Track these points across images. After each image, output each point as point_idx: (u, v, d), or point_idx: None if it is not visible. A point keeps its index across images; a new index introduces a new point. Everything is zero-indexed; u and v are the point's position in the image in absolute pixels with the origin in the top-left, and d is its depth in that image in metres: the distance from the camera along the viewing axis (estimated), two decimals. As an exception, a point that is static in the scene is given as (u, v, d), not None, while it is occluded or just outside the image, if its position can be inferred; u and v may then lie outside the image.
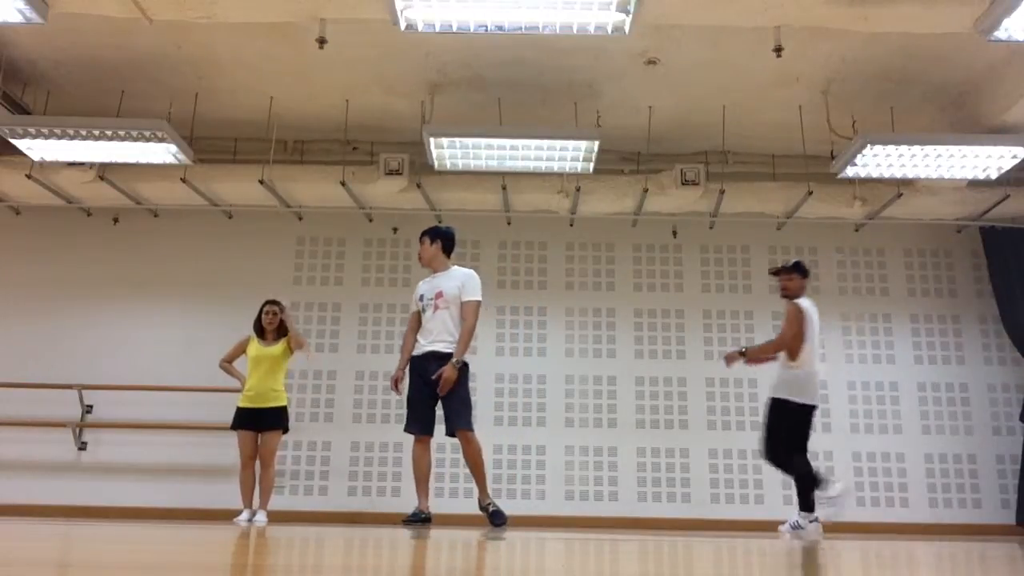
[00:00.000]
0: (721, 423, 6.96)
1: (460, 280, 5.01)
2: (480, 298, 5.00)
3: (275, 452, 5.75)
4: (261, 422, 5.67)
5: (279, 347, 5.81)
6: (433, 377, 4.80)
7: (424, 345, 4.94)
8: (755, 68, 5.88)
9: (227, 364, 5.87)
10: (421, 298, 5.06)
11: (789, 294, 5.22)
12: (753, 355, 5.29)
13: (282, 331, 5.90)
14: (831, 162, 6.12)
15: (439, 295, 4.98)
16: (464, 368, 4.88)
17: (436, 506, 6.71)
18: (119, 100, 6.43)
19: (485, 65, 5.92)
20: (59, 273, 7.23)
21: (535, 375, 6.98)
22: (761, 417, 5.69)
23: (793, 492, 6.83)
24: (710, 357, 7.10)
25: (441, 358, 4.84)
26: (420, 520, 4.83)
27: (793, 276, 5.24)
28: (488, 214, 7.07)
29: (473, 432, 4.81)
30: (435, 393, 4.83)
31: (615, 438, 6.91)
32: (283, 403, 5.74)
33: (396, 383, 4.98)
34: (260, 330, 5.87)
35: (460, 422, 4.78)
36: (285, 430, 5.78)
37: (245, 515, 5.64)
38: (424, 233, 5.17)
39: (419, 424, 4.88)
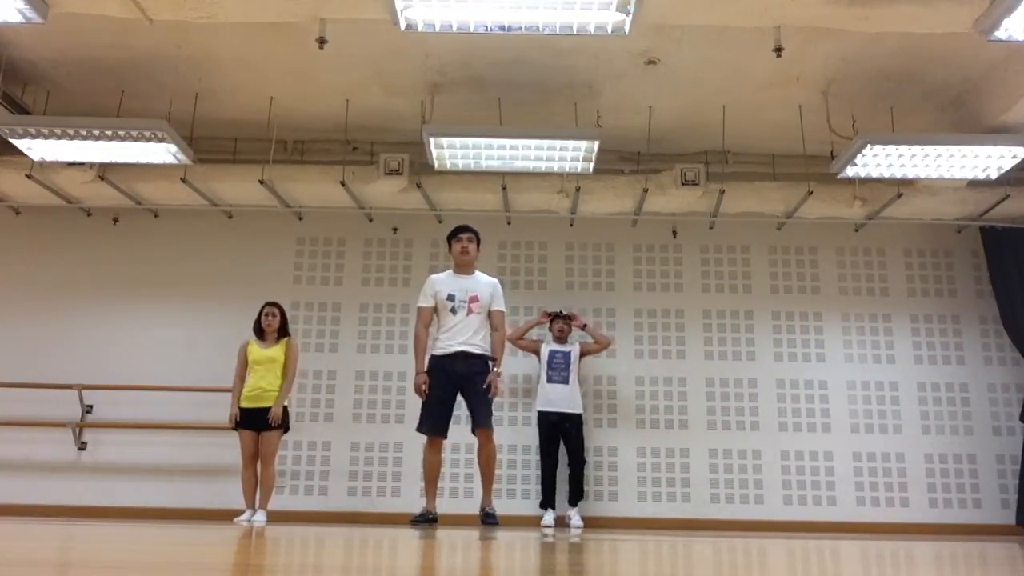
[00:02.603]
0: (721, 423, 6.95)
1: (491, 288, 5.08)
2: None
3: (275, 452, 5.76)
4: (261, 422, 5.67)
5: (279, 348, 5.83)
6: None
7: (453, 345, 4.93)
8: (755, 68, 5.88)
9: (238, 386, 5.79)
10: (451, 298, 5.00)
11: (564, 336, 6.58)
12: (590, 329, 6.69)
13: (282, 332, 5.92)
14: (831, 162, 6.12)
15: (474, 299, 4.99)
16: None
17: (436, 506, 6.71)
18: (119, 100, 6.43)
19: (485, 65, 5.92)
20: (59, 273, 7.23)
21: (535, 375, 6.96)
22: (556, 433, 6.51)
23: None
24: (710, 357, 7.10)
25: (471, 358, 4.91)
26: (427, 520, 4.85)
27: (568, 322, 6.62)
28: (488, 214, 7.07)
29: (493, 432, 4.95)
30: (457, 392, 4.93)
31: (615, 438, 6.91)
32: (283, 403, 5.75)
33: (423, 385, 4.90)
34: (260, 331, 5.88)
35: (488, 420, 4.90)
36: (286, 430, 5.80)
37: (246, 515, 5.65)
38: (472, 231, 5.17)
39: (436, 425, 4.89)
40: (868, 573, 1.85)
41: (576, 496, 6.39)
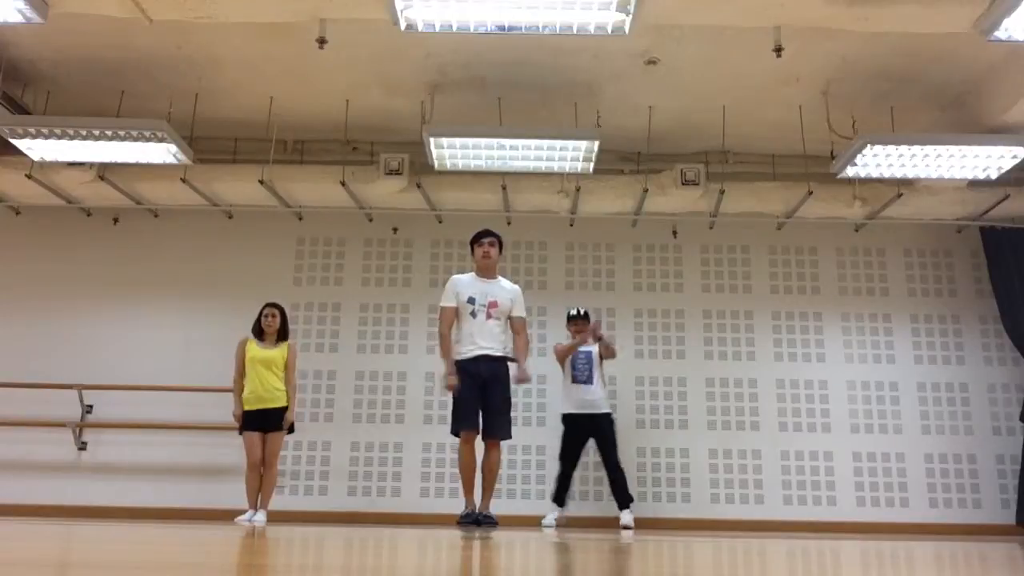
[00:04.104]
0: (721, 423, 6.95)
1: (512, 295, 5.14)
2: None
3: (279, 452, 5.77)
4: (267, 422, 5.69)
5: (279, 350, 5.83)
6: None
7: (473, 349, 4.99)
8: (755, 68, 5.88)
9: (239, 382, 5.80)
10: (471, 300, 5.03)
11: (584, 336, 6.20)
12: (605, 342, 6.25)
13: (282, 334, 5.91)
14: (831, 162, 6.12)
15: (493, 304, 5.04)
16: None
17: (436, 507, 6.72)
18: (119, 100, 6.43)
19: (485, 65, 5.92)
20: (59, 273, 7.23)
21: (535, 375, 6.96)
22: (596, 433, 6.27)
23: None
24: (710, 357, 7.10)
25: (494, 360, 4.99)
26: (473, 520, 4.87)
27: (587, 323, 6.25)
28: (488, 214, 7.06)
29: None
30: (482, 393, 4.97)
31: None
32: (286, 403, 5.76)
33: (454, 385, 4.95)
34: (259, 332, 5.88)
35: (505, 431, 4.99)
36: (291, 430, 5.80)
37: (247, 515, 5.66)
38: (495, 235, 5.20)
39: (470, 423, 4.93)
40: (868, 573, 1.85)
41: (626, 500, 6.04)
